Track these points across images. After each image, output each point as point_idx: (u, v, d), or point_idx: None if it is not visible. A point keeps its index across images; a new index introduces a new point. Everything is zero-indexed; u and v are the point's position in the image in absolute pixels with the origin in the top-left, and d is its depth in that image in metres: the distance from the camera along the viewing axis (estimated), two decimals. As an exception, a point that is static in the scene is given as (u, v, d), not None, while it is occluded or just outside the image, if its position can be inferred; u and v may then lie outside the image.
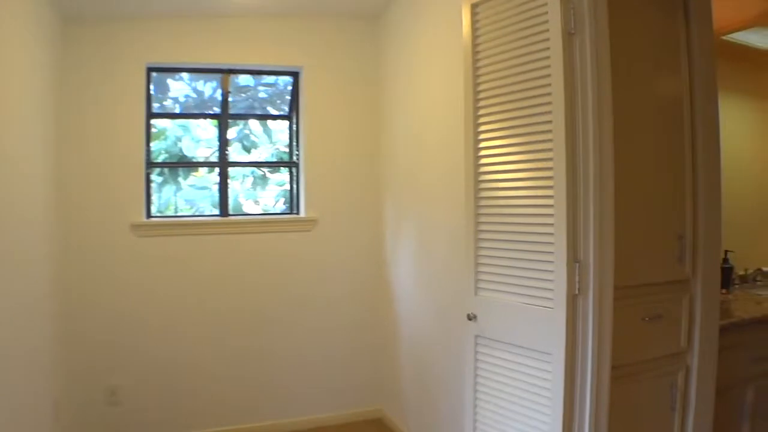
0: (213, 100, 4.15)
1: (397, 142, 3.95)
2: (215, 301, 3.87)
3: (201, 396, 3.84)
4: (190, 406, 3.81)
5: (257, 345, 3.96)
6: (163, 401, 3.77)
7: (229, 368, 3.90)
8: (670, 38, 2.41)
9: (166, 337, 3.78)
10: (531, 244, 2.15)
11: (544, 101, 2.09)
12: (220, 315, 3.88)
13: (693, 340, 2.49)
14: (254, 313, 3.95)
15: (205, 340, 3.85)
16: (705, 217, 2.47)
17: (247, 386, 3.94)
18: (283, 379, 4.02)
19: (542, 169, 2.10)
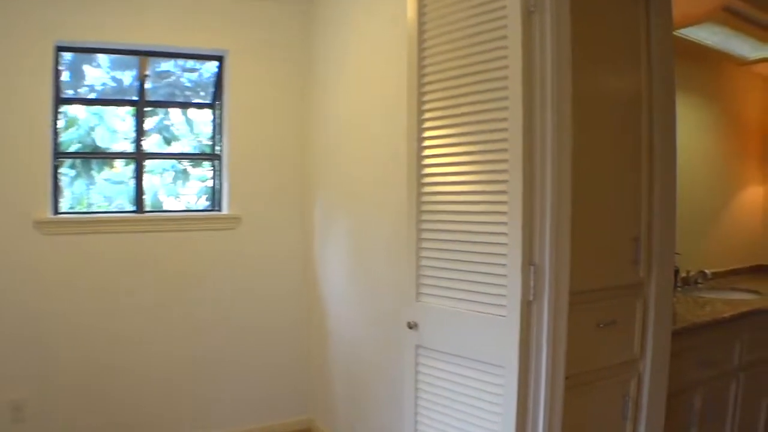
0: (133, 90, 3.78)
1: (329, 135, 3.66)
2: (129, 306, 3.51)
3: (114, 408, 3.47)
4: (103, 420, 3.44)
5: (175, 352, 3.62)
6: (72, 415, 3.38)
7: (144, 378, 3.55)
8: (631, 29, 2.26)
9: (76, 346, 3.39)
10: (481, 245, 1.94)
11: (499, 86, 1.88)
12: (134, 321, 3.52)
13: (646, 347, 2.37)
14: (172, 318, 3.61)
15: (118, 347, 3.49)
16: (660, 219, 2.36)
17: (166, 396, 3.60)
18: (204, 388, 3.70)
19: (495, 162, 1.90)
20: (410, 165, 2.21)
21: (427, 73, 2.14)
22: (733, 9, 2.88)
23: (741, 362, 3.03)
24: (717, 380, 2.89)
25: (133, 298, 3.52)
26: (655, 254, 2.36)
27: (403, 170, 2.29)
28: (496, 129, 1.89)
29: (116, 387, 3.49)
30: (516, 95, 1.81)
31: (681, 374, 2.61)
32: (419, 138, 2.17)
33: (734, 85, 4.14)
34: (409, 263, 2.21)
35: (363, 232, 3.25)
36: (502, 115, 1.86)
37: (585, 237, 1.98)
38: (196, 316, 3.67)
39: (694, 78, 3.59)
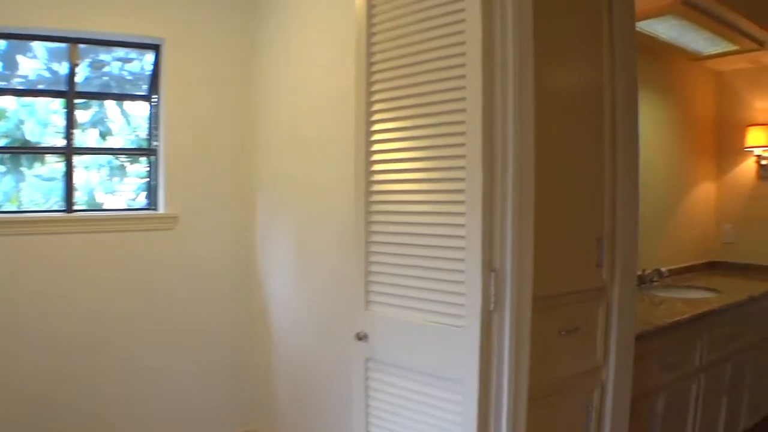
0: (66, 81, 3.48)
1: (274, 131, 3.41)
2: (57, 311, 3.22)
3: (44, 414, 3.17)
4: (30, 425, 3.14)
5: (106, 360, 3.33)
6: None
7: (74, 389, 3.26)
8: (593, 21, 2.14)
9: (8, 350, 3.09)
10: (437, 249, 1.77)
11: (456, 76, 1.71)
12: (67, 327, 3.24)
13: (609, 354, 2.26)
14: (105, 324, 3.33)
15: (46, 357, 3.19)
16: (624, 219, 2.25)
17: (99, 405, 3.32)
18: (140, 398, 3.43)
19: (451, 158, 1.73)
20: (358, 161, 2.02)
21: (376, 61, 1.96)
22: (692, 2, 2.79)
23: (702, 363, 2.97)
24: (679, 382, 2.82)
25: (65, 302, 3.23)
26: (619, 256, 2.25)
27: (352, 168, 2.11)
28: (453, 122, 1.72)
29: (39, 402, 3.19)
30: (475, 88, 1.64)
31: (643, 379, 2.52)
32: (367, 131, 1.99)
33: (688, 81, 4.10)
34: (357, 268, 2.02)
35: (309, 233, 3.04)
36: (459, 106, 1.70)
37: (546, 239, 1.83)
38: (131, 321, 3.40)
39: (649, 73, 3.51)
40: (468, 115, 1.66)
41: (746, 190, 4.30)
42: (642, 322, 2.59)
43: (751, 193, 4.28)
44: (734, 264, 4.34)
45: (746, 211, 4.30)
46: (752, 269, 4.22)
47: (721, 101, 4.36)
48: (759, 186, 4.24)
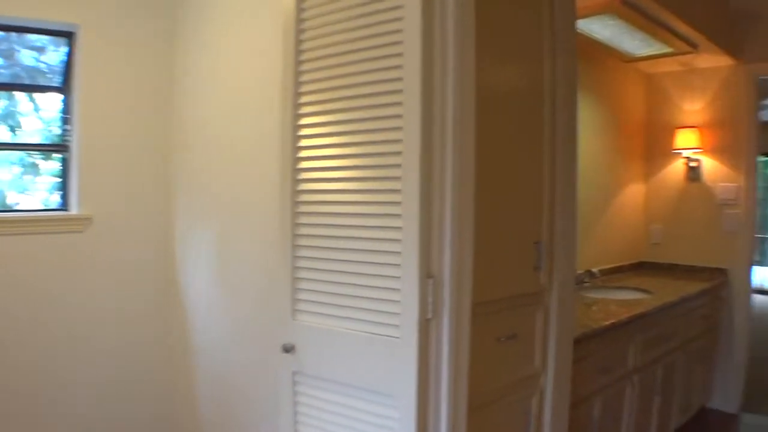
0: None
1: (194, 127, 3.15)
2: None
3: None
4: None
5: (14, 376, 3.05)
6: None
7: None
8: (535, 19, 2.07)
9: None
10: (371, 254, 1.64)
11: (393, 75, 1.59)
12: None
13: (548, 359, 2.19)
14: (9, 336, 3.04)
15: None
16: (563, 221, 2.20)
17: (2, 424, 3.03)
18: (48, 415, 3.15)
19: (387, 155, 1.61)
20: (284, 160, 1.87)
21: (305, 50, 1.81)
22: (632, 1, 2.77)
23: (635, 364, 2.96)
24: (614, 385, 2.80)
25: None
26: (557, 259, 2.19)
27: (278, 168, 1.95)
28: (389, 115, 1.59)
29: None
30: (413, 87, 1.53)
31: (580, 383, 2.48)
32: (294, 127, 1.83)
33: (618, 82, 4.13)
34: (283, 275, 1.87)
35: (232, 237, 2.81)
36: (396, 108, 1.58)
37: (484, 243, 1.73)
38: (39, 332, 3.12)
39: (581, 74, 3.50)
40: (405, 115, 1.55)
41: (674, 192, 4.38)
42: (578, 325, 2.54)
43: (679, 194, 4.35)
44: (661, 264, 4.41)
45: (674, 212, 4.38)
46: (679, 269, 4.30)
47: (651, 103, 4.43)
48: (687, 187, 4.32)
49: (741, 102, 4.03)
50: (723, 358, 4.15)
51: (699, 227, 4.26)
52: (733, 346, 4.13)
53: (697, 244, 4.27)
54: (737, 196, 4.08)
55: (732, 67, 4.03)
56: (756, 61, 3.95)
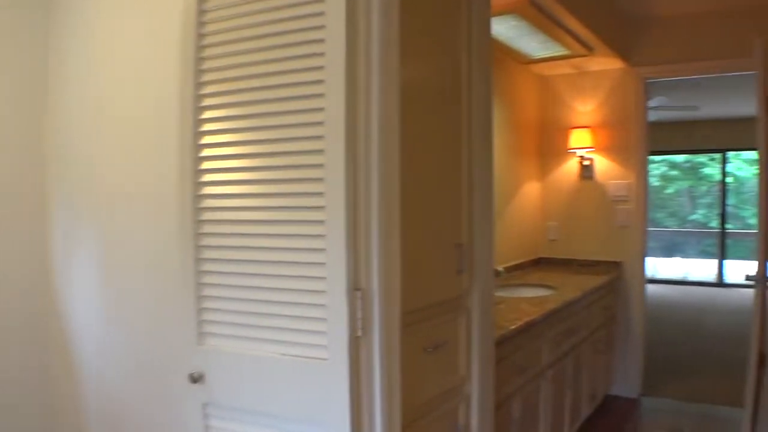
0: None
1: (77, 123, 2.71)
2: None
3: None
4: None
5: None
6: None
7: None
8: (454, 16, 1.99)
9: None
10: (290, 266, 1.48)
11: (314, 76, 1.43)
12: None
13: (472, 366, 2.13)
14: None
15: None
16: (481, 222, 2.14)
17: None
18: None
19: (308, 153, 1.45)
20: (184, 159, 1.64)
21: (208, 45, 1.61)
22: (537, 2, 2.77)
23: (548, 360, 2.98)
24: (530, 384, 2.80)
25: None
26: (477, 261, 2.13)
27: (176, 172, 1.73)
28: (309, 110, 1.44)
29: None
30: (336, 86, 1.38)
31: (500, 386, 2.43)
32: (195, 122, 1.59)
33: (515, 83, 4.18)
34: (185, 294, 1.65)
35: (120, 251, 2.42)
36: (316, 91, 1.42)
37: (407, 248, 1.60)
38: None
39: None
40: (327, 112, 1.40)
41: (569, 190, 4.50)
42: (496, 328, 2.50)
43: (574, 192, 4.48)
44: (559, 259, 4.52)
45: (569, 209, 4.51)
46: (575, 263, 4.43)
47: (545, 104, 4.53)
48: (581, 185, 4.45)
49: (631, 103, 4.21)
50: (622, 346, 4.32)
51: (593, 223, 4.40)
52: (630, 334, 4.30)
53: (592, 239, 4.41)
54: (629, 192, 4.25)
55: (622, 70, 4.20)
56: (644, 65, 4.14)
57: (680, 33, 4.01)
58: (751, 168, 11.27)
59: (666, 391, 4.41)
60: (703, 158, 11.31)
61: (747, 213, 11.27)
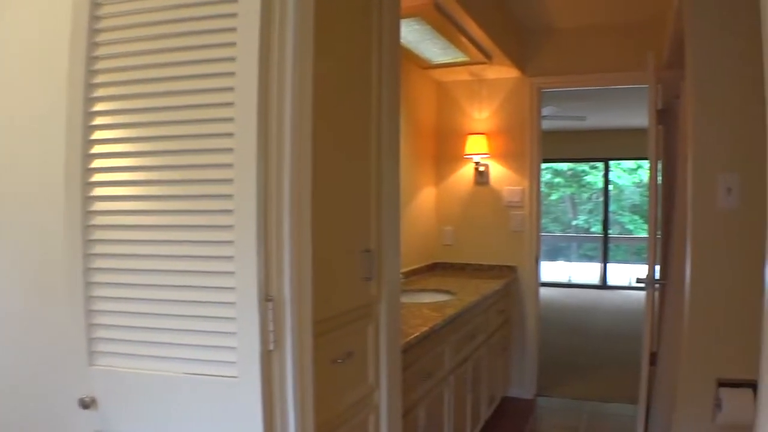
0: None
1: None
2: None
3: None
4: None
5: None
6: None
7: None
8: (365, 17, 1.93)
9: None
10: (194, 276, 1.34)
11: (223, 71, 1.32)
12: None
13: (381, 375, 2.08)
14: None
15: None
16: (388, 226, 2.09)
17: None
18: None
19: (215, 151, 1.33)
20: (70, 156, 1.45)
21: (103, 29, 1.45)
22: (442, 6, 2.77)
23: (450, 365, 2.98)
24: (434, 389, 2.79)
25: None
26: (385, 267, 2.08)
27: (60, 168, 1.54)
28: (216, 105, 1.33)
29: None
30: (247, 81, 1.28)
31: (406, 393, 2.40)
32: (86, 113, 1.39)
33: (414, 88, 4.20)
34: (73, 309, 1.46)
35: None
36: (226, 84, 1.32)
37: (316, 254, 1.52)
38: None
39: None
40: (237, 117, 1.28)
41: (464, 195, 4.57)
42: (401, 335, 2.47)
43: (469, 197, 4.56)
44: (454, 264, 4.59)
45: (464, 214, 4.58)
46: (470, 268, 4.51)
47: (442, 110, 4.58)
48: (475, 191, 4.54)
49: (525, 111, 4.34)
50: (518, 348, 4.43)
51: (488, 228, 4.50)
52: (525, 336, 4.43)
53: (486, 243, 4.50)
54: (522, 198, 4.38)
55: (518, 79, 4.33)
56: (539, 75, 4.29)
57: (574, 45, 4.20)
58: (630, 177, 12.06)
59: (560, 391, 4.58)
60: (585, 166, 11.97)
61: (626, 219, 12.05)
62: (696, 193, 2.21)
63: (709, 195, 2.18)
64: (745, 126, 2.16)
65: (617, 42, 4.05)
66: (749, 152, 2.14)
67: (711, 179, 2.18)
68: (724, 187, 2.15)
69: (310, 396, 1.41)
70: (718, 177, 2.17)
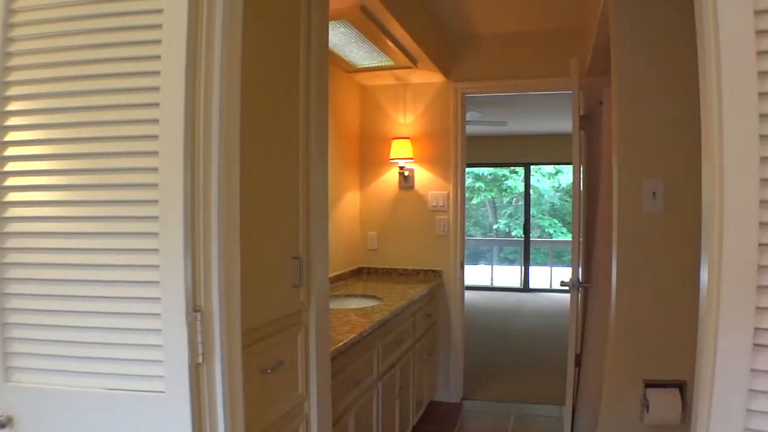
0: None
1: None
2: None
3: None
4: None
5: None
6: None
7: None
8: (294, 17, 1.89)
9: None
10: (116, 286, 1.26)
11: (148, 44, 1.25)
12: None
13: (310, 383, 2.05)
14: None
15: None
16: (317, 231, 2.06)
17: None
18: None
19: (139, 154, 1.25)
20: None
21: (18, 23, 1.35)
22: (369, 9, 2.75)
23: (379, 371, 2.97)
24: (363, 396, 2.76)
25: None
26: (314, 274, 2.05)
27: None
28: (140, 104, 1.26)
29: None
30: (174, 82, 1.21)
31: (337, 402, 2.37)
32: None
33: (339, 91, 4.18)
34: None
35: None
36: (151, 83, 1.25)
37: (244, 260, 1.47)
38: None
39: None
40: (162, 113, 1.22)
41: (389, 199, 4.58)
42: (330, 342, 2.44)
43: (394, 202, 4.57)
44: (379, 269, 4.59)
45: (389, 218, 4.59)
46: (395, 273, 4.52)
47: (367, 114, 4.58)
48: (400, 195, 4.56)
49: (450, 116, 4.39)
50: (444, 352, 4.47)
51: (413, 232, 4.52)
52: (451, 340, 4.47)
53: (411, 248, 4.52)
54: (446, 202, 4.42)
55: (442, 83, 4.37)
56: (463, 80, 4.34)
57: (498, 51, 4.29)
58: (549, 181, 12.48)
59: (486, 394, 4.65)
60: (505, 171, 12.29)
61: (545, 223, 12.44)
62: (622, 198, 2.28)
63: (634, 199, 2.26)
64: (669, 132, 2.25)
65: (540, 49, 4.17)
66: (673, 158, 2.23)
67: (637, 184, 2.26)
68: (649, 191, 2.23)
69: (241, 409, 1.36)
70: (643, 182, 2.25)
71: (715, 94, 1.02)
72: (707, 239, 1.06)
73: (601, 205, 3.10)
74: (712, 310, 1.03)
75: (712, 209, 1.03)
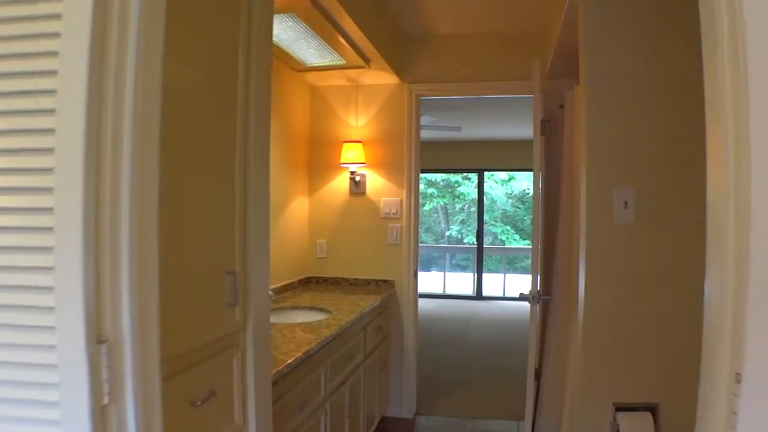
0: None
1: None
2: None
3: None
4: None
5: None
6: None
7: None
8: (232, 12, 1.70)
9: None
10: (1, 311, 1.06)
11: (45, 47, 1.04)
12: None
13: (248, 411, 1.83)
14: None
15: None
16: (256, 244, 1.85)
17: None
18: None
19: (30, 151, 1.04)
20: None
21: None
22: (319, 4, 2.56)
23: (327, 391, 2.77)
24: (310, 418, 2.57)
25: None
26: (252, 291, 1.84)
27: None
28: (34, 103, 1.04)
29: None
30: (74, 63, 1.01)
31: (280, 428, 2.17)
32: None
33: (285, 91, 3.96)
34: None
35: None
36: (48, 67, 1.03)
37: (166, 278, 1.26)
38: None
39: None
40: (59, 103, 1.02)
41: (339, 206, 4.39)
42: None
43: (344, 208, 4.38)
44: (328, 279, 4.39)
45: (339, 226, 4.39)
46: (346, 282, 4.34)
47: (317, 116, 4.38)
48: (351, 201, 4.37)
49: (404, 119, 4.22)
50: (396, 366, 4.29)
51: (364, 240, 4.33)
52: (404, 353, 4.29)
53: (363, 257, 4.34)
54: (400, 209, 4.25)
55: (396, 85, 4.20)
56: (418, 82, 4.18)
57: (454, 53, 4.14)
58: (502, 188, 12.48)
59: (440, 409, 4.49)
60: (458, 177, 12.23)
61: (498, 229, 12.43)
62: (591, 207, 2.15)
63: (604, 209, 2.12)
64: (641, 138, 2.12)
65: (499, 51, 4.04)
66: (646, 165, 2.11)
67: (607, 193, 2.13)
68: (620, 200, 2.10)
69: (159, 456, 1.15)
70: (613, 190, 2.11)
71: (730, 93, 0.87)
72: (717, 251, 0.90)
73: (562, 214, 2.97)
74: (724, 338, 0.87)
75: (725, 218, 0.87)
